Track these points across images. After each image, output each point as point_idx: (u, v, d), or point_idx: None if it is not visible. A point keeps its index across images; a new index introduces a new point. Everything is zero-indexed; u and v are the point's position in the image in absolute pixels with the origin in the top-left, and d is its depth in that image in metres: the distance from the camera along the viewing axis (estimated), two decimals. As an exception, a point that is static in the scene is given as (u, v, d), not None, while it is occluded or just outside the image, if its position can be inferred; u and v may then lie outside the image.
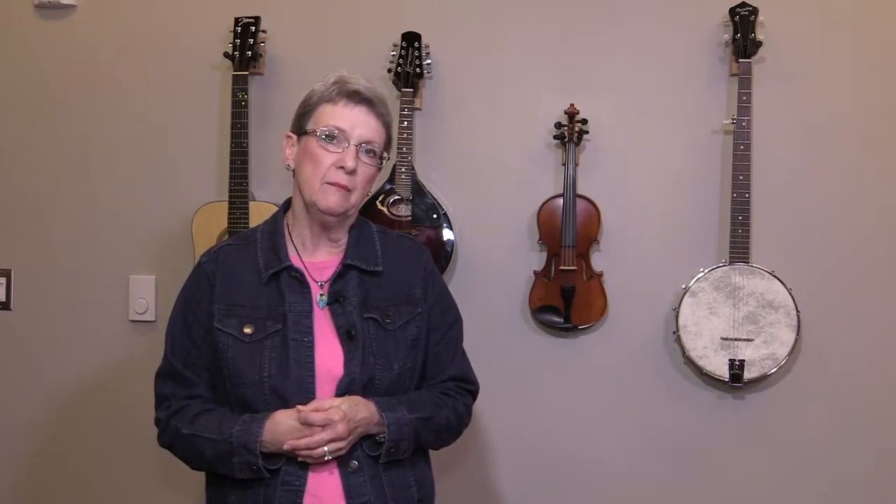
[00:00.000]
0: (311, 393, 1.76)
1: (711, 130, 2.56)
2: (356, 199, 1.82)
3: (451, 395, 1.91)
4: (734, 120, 2.45)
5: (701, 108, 2.56)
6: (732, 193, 2.44)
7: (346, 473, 1.76)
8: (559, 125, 2.55)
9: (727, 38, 2.50)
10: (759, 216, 2.51)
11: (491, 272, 2.63)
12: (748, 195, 2.44)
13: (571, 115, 2.55)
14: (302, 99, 1.86)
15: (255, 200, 2.57)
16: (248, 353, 1.78)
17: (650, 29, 2.59)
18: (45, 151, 2.77)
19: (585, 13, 2.61)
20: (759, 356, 2.44)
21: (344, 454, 1.75)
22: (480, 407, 2.60)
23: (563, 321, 2.55)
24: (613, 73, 2.61)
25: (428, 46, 2.61)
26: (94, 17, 2.75)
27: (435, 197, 2.59)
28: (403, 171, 2.55)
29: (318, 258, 1.86)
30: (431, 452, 1.95)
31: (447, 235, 2.57)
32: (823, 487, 2.53)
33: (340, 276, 1.84)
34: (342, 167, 1.77)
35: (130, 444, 2.73)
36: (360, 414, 1.74)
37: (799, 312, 2.44)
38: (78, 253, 2.76)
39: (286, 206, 1.92)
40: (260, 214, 2.40)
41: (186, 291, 1.88)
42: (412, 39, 2.59)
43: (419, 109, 2.62)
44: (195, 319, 1.83)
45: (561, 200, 2.54)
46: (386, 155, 1.86)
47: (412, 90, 2.57)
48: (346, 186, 1.78)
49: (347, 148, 1.78)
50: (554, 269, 2.55)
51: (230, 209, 2.53)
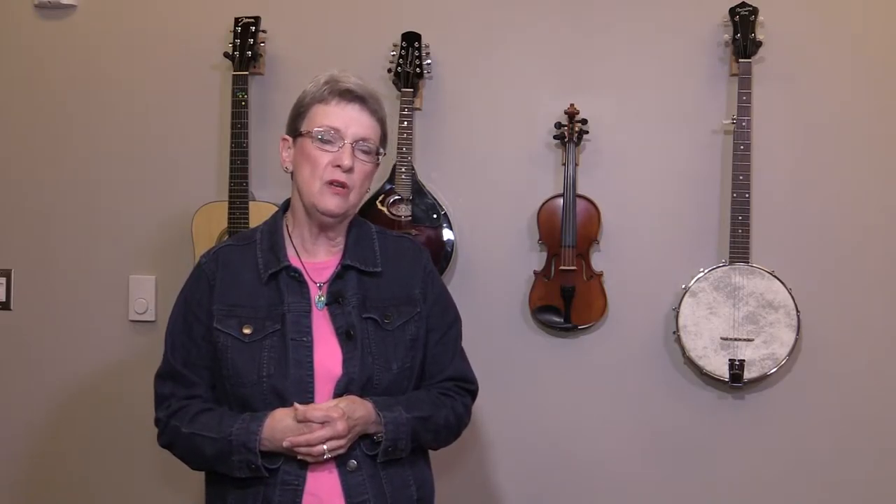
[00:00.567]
0: (310, 393, 1.76)
1: (711, 130, 2.56)
2: (355, 197, 1.82)
3: (450, 395, 1.91)
4: (734, 120, 2.45)
5: (701, 108, 2.56)
6: (732, 193, 2.45)
7: (344, 473, 1.76)
8: (559, 125, 2.55)
9: (727, 38, 2.50)
10: (759, 216, 2.51)
11: (491, 272, 2.63)
12: (748, 195, 2.44)
13: (571, 115, 2.55)
14: (295, 101, 1.87)
15: (255, 200, 2.57)
16: (247, 353, 1.78)
17: (650, 29, 2.59)
18: (45, 151, 2.77)
19: (585, 13, 2.61)
20: (759, 356, 2.44)
21: (343, 453, 1.75)
22: (480, 407, 2.61)
23: (563, 321, 2.55)
24: (613, 73, 2.61)
25: (428, 46, 2.61)
26: (94, 17, 2.75)
27: (435, 197, 2.59)
28: (403, 171, 2.55)
29: (317, 259, 1.86)
30: (431, 452, 1.95)
31: (447, 235, 2.57)
32: (823, 487, 2.53)
33: (339, 276, 1.84)
34: (339, 166, 1.78)
35: (130, 444, 2.73)
36: (357, 412, 1.74)
37: (799, 312, 2.44)
38: (78, 253, 2.76)
39: (286, 206, 1.92)
40: (260, 214, 2.40)
41: (186, 291, 1.89)
42: (412, 39, 2.59)
43: (419, 109, 2.62)
44: (195, 319, 1.83)
45: (561, 200, 2.54)
46: (382, 151, 1.86)
47: (412, 90, 2.57)
48: (344, 184, 1.78)
49: (343, 146, 1.79)
50: (554, 269, 2.55)
51: (230, 209, 2.53)
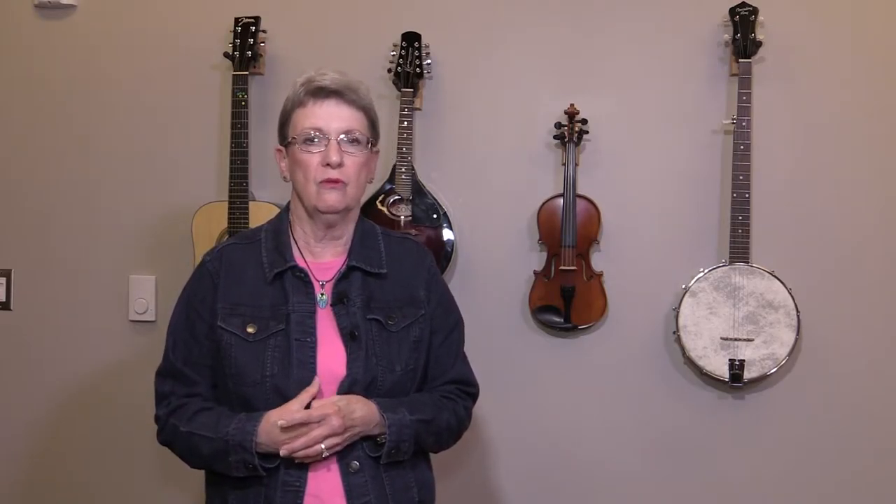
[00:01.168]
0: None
1: (711, 130, 2.56)
2: (353, 190, 1.81)
3: (451, 398, 1.91)
4: (734, 120, 2.45)
5: (701, 108, 2.56)
6: (732, 193, 2.45)
7: (346, 474, 1.76)
8: (559, 125, 2.55)
9: (727, 38, 2.50)
10: (759, 216, 2.51)
11: (491, 272, 2.63)
12: (748, 195, 2.44)
13: (571, 115, 2.55)
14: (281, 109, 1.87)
15: (255, 200, 2.57)
16: (251, 352, 1.78)
17: (650, 29, 2.59)
18: (45, 151, 2.77)
19: (585, 13, 2.61)
20: (759, 356, 2.44)
21: (344, 454, 1.75)
22: (480, 407, 2.60)
23: (563, 321, 2.55)
24: (613, 73, 2.61)
25: (428, 46, 2.61)
26: (94, 17, 2.75)
27: (435, 197, 2.59)
28: (403, 171, 2.55)
29: (321, 259, 1.86)
30: (432, 453, 1.95)
31: (447, 235, 2.57)
32: (823, 487, 2.54)
33: (344, 276, 1.84)
34: (328, 164, 1.77)
35: (130, 443, 2.73)
36: (357, 412, 1.73)
37: (799, 312, 2.44)
38: (78, 253, 2.76)
39: (289, 206, 1.92)
40: (260, 214, 2.41)
41: (189, 290, 1.88)
42: (412, 39, 2.59)
43: (419, 109, 2.62)
44: (198, 317, 1.83)
45: (561, 200, 2.54)
46: (372, 139, 1.84)
47: (412, 90, 2.57)
48: (338, 180, 1.78)
49: (329, 144, 1.78)
50: (554, 269, 2.55)
51: (230, 209, 2.53)
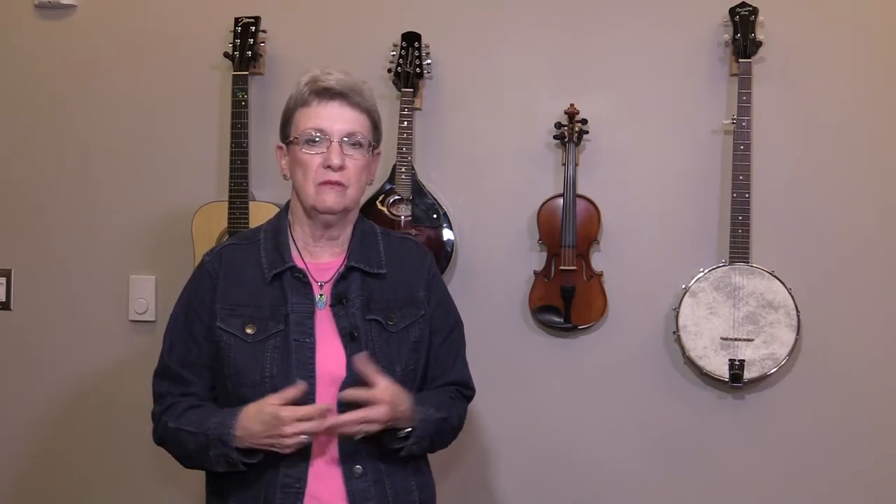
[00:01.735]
0: (311, 394, 1.75)
1: (711, 130, 2.56)
2: (353, 193, 1.81)
3: (454, 397, 1.91)
4: (734, 120, 2.45)
5: (701, 108, 2.56)
6: (732, 193, 2.44)
7: (349, 478, 1.76)
8: (559, 125, 2.55)
9: (727, 38, 2.50)
10: (759, 216, 2.51)
11: (491, 272, 2.63)
12: (748, 195, 2.44)
13: (571, 115, 2.55)
14: (284, 107, 1.86)
15: (255, 200, 2.57)
16: (250, 353, 1.78)
17: (650, 29, 2.59)
18: (45, 151, 2.77)
19: (585, 13, 2.61)
20: (759, 356, 2.44)
21: (346, 457, 1.75)
22: (480, 407, 2.61)
23: (563, 321, 2.55)
24: (613, 73, 2.61)
25: (428, 46, 2.61)
26: (94, 17, 2.75)
27: (435, 197, 2.59)
28: (403, 171, 2.55)
29: (320, 260, 1.86)
30: (429, 454, 1.95)
31: (447, 235, 2.57)
32: (823, 487, 2.54)
33: (343, 277, 1.83)
34: (329, 166, 1.77)
35: (130, 444, 2.73)
36: (402, 405, 1.75)
37: (799, 312, 2.44)
38: (78, 253, 2.76)
39: (288, 207, 1.92)
40: (260, 214, 2.41)
41: (189, 290, 1.88)
42: (412, 39, 2.59)
43: (419, 109, 2.62)
44: (196, 317, 1.83)
45: (561, 200, 2.54)
46: (374, 142, 1.84)
47: (412, 90, 2.57)
48: (338, 183, 1.78)
49: (331, 145, 1.78)
50: (554, 269, 2.55)
51: (230, 209, 2.53)
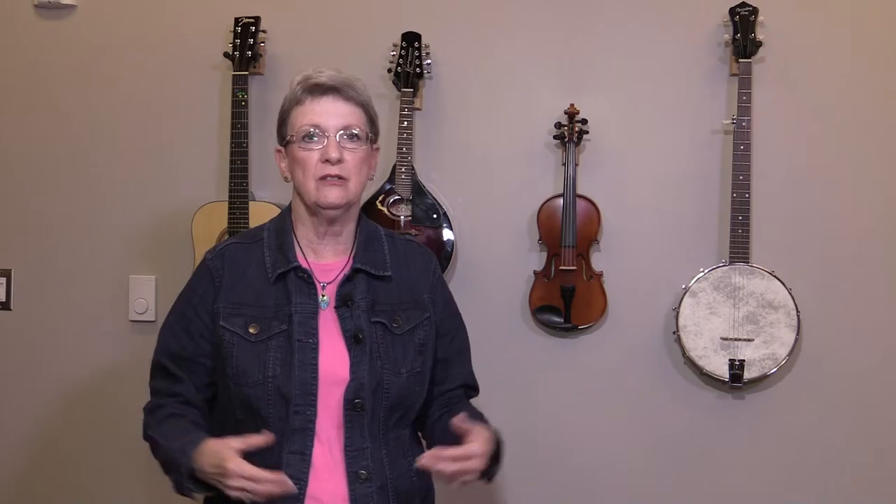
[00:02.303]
0: (313, 395, 1.75)
1: (711, 130, 2.56)
2: (354, 186, 1.80)
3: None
4: (734, 120, 2.45)
5: (701, 108, 2.56)
6: (732, 193, 2.44)
7: (354, 481, 1.75)
8: (559, 125, 2.55)
9: (727, 38, 2.50)
10: (759, 216, 2.51)
11: (491, 272, 2.63)
12: (748, 195, 2.44)
13: (571, 115, 2.55)
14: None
15: (255, 200, 2.57)
16: (253, 352, 1.78)
17: (650, 29, 2.59)
18: (44, 151, 2.77)
19: (586, 13, 2.61)
20: (759, 356, 2.44)
21: (352, 461, 1.76)
22: (479, 407, 2.60)
23: (563, 321, 2.55)
24: (613, 73, 2.61)
25: (428, 46, 2.61)
26: (94, 17, 2.75)
27: (435, 197, 2.59)
28: (403, 171, 2.55)
29: (324, 260, 1.85)
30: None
31: (447, 235, 2.57)
32: (823, 487, 2.53)
33: (349, 279, 1.83)
34: (328, 160, 1.76)
35: (131, 443, 2.71)
36: (491, 447, 1.76)
37: (799, 312, 2.44)
38: (78, 253, 2.76)
39: (290, 208, 1.92)
40: (260, 214, 2.41)
41: (189, 287, 1.88)
42: (412, 39, 2.59)
43: (419, 109, 2.62)
44: (195, 315, 1.83)
45: (561, 200, 2.54)
46: (372, 135, 1.84)
47: (412, 90, 2.57)
48: (338, 176, 1.77)
49: (328, 140, 1.77)
50: (554, 269, 2.55)
51: (230, 209, 2.53)
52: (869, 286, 2.52)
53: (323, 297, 1.82)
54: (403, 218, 2.56)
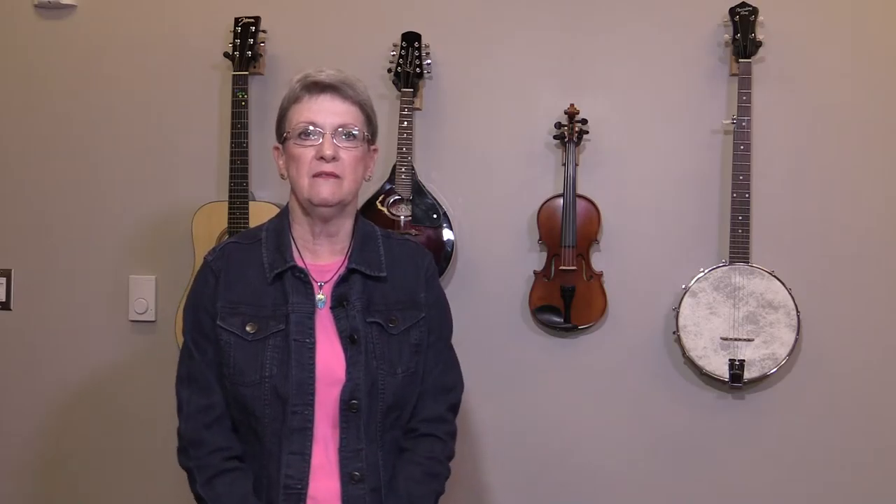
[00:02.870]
0: (310, 395, 1.75)
1: (711, 130, 2.56)
2: (349, 185, 1.80)
3: (435, 458, 1.87)
4: (734, 120, 2.45)
5: (701, 108, 2.56)
6: (732, 193, 2.44)
7: (347, 483, 1.76)
8: (559, 125, 2.55)
9: (727, 38, 2.50)
10: (759, 216, 2.51)
11: (491, 272, 2.63)
12: (748, 195, 2.44)
13: (571, 115, 2.55)
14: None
15: (255, 200, 2.57)
16: (250, 352, 1.78)
17: (650, 29, 2.59)
18: (44, 151, 2.77)
19: (586, 13, 2.61)
20: (759, 356, 2.44)
21: (347, 462, 1.76)
22: (480, 407, 2.61)
23: (563, 321, 2.55)
24: (613, 73, 2.61)
25: (428, 46, 2.61)
26: (94, 17, 2.75)
27: (435, 197, 2.59)
28: (403, 171, 2.55)
29: (320, 260, 1.86)
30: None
31: (447, 235, 2.57)
32: (823, 487, 2.53)
33: (344, 279, 1.83)
34: (322, 157, 1.76)
35: (130, 444, 2.73)
36: None
37: (799, 312, 2.44)
38: (78, 253, 2.76)
39: (288, 207, 1.92)
40: (260, 214, 2.40)
41: (195, 290, 1.87)
42: (412, 39, 2.59)
43: (419, 109, 2.62)
44: (206, 315, 1.82)
45: (561, 200, 2.54)
46: (368, 135, 1.83)
47: (412, 90, 2.57)
48: (332, 174, 1.77)
49: (324, 137, 1.77)
50: (554, 269, 2.55)
51: (230, 209, 2.53)
52: (869, 286, 2.52)
53: (320, 296, 1.82)
54: (403, 218, 2.56)
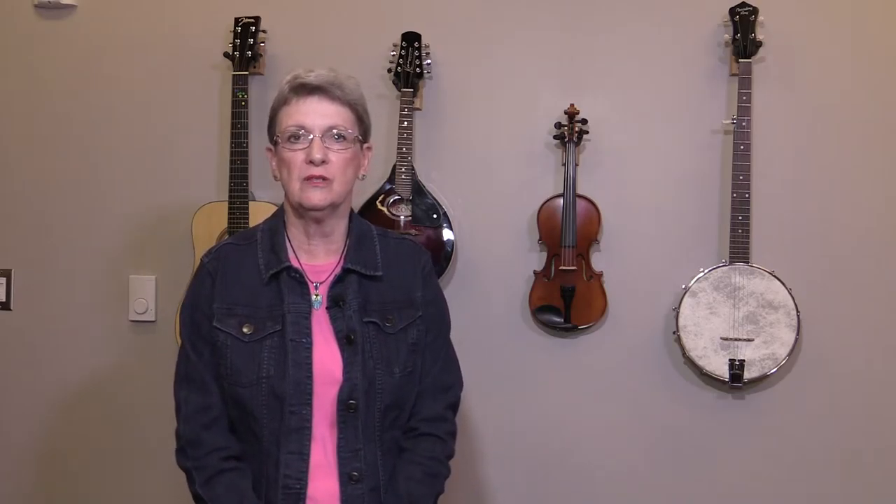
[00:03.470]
0: (308, 395, 1.75)
1: (711, 130, 2.56)
2: (339, 187, 1.79)
3: (436, 458, 1.87)
4: (734, 120, 2.45)
5: (701, 108, 2.56)
6: (732, 193, 2.45)
7: (346, 483, 1.76)
8: (559, 125, 2.55)
9: (727, 38, 2.50)
10: (759, 216, 2.51)
11: (491, 272, 2.63)
12: (748, 195, 2.44)
13: (571, 115, 2.55)
14: None
15: (255, 200, 2.57)
16: (247, 352, 1.78)
17: (650, 29, 2.59)
18: (44, 151, 2.77)
19: (586, 13, 2.61)
20: (759, 356, 2.44)
21: (346, 461, 1.76)
22: (479, 407, 2.61)
23: (563, 321, 2.55)
24: (613, 73, 2.61)
25: (428, 46, 2.61)
26: (94, 17, 2.75)
27: (435, 197, 2.59)
28: (403, 171, 2.55)
29: (316, 260, 1.85)
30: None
31: (447, 235, 2.57)
32: (823, 487, 2.54)
33: (340, 279, 1.83)
34: (311, 161, 1.76)
35: (130, 444, 2.73)
36: None
37: (799, 312, 2.44)
38: (78, 253, 2.76)
39: (283, 207, 1.92)
40: (260, 214, 2.40)
41: (192, 292, 1.87)
42: (412, 39, 2.59)
43: (419, 109, 2.62)
44: (203, 317, 1.82)
45: (561, 200, 2.54)
46: (359, 134, 1.82)
47: (412, 90, 2.57)
48: (322, 177, 1.76)
49: (312, 140, 1.76)
50: (554, 269, 2.55)
51: (230, 209, 2.53)
52: (869, 286, 2.52)
53: (316, 296, 1.82)
54: (403, 218, 2.56)
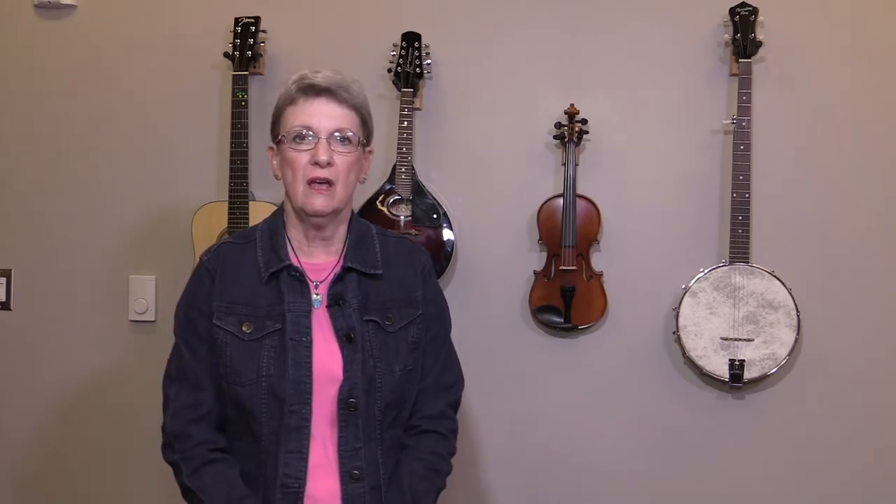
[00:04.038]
0: (308, 394, 1.76)
1: (711, 130, 2.56)
2: (342, 191, 1.80)
3: (438, 453, 1.87)
4: (734, 120, 2.45)
5: (701, 108, 2.56)
6: (732, 193, 2.45)
7: (347, 482, 1.76)
8: (559, 125, 2.55)
9: (727, 38, 2.50)
10: (759, 216, 2.51)
11: (491, 272, 2.63)
12: (748, 195, 2.44)
13: (571, 115, 2.55)
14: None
15: (255, 200, 2.57)
16: (247, 351, 1.78)
17: (650, 29, 2.59)
18: (45, 151, 2.77)
19: (586, 13, 2.61)
20: (759, 356, 2.44)
21: (346, 460, 1.76)
22: (479, 408, 2.61)
23: (563, 321, 2.55)
24: (613, 73, 2.61)
25: (428, 46, 2.61)
26: (94, 17, 2.75)
27: (435, 197, 2.59)
28: (403, 171, 2.55)
29: (315, 259, 1.86)
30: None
31: (447, 235, 2.57)
32: (823, 487, 2.54)
33: (340, 278, 1.83)
34: (317, 162, 1.76)
35: (130, 444, 2.73)
36: None
37: (799, 312, 2.44)
38: (78, 253, 2.76)
39: (283, 206, 1.92)
40: (260, 214, 2.39)
41: (190, 290, 1.87)
42: (412, 39, 2.59)
43: (419, 109, 2.62)
44: (199, 315, 1.82)
45: (561, 200, 2.54)
46: (363, 138, 1.83)
47: (412, 90, 2.57)
48: (327, 180, 1.77)
49: (318, 142, 1.77)
50: (554, 269, 2.55)
51: (230, 209, 2.53)
52: (869, 286, 2.52)
53: (316, 295, 1.82)
54: (403, 218, 2.56)
